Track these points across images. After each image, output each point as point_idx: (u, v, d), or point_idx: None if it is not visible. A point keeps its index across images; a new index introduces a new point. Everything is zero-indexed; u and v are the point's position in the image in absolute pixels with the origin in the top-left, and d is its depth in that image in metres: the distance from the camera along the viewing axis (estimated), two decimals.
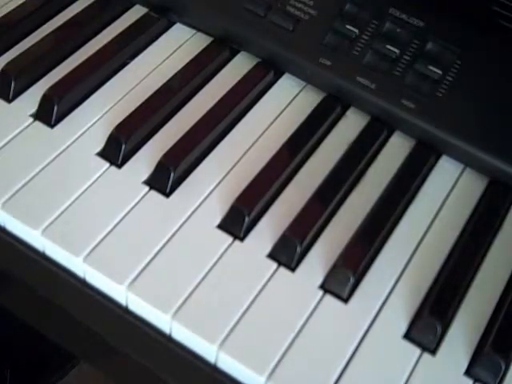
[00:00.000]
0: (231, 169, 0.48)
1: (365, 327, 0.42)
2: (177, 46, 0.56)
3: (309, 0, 0.53)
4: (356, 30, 0.52)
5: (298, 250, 0.44)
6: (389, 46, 0.51)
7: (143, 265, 0.43)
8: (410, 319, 0.42)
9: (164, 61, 0.54)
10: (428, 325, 0.41)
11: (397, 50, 0.51)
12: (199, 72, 0.53)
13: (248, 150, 0.50)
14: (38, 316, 0.52)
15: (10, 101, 0.51)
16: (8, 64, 0.52)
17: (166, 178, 0.46)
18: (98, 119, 0.50)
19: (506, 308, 0.43)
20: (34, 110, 0.50)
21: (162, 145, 0.48)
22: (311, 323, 0.42)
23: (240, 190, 0.46)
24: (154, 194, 0.46)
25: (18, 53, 0.53)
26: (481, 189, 0.49)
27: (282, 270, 0.44)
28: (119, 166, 0.48)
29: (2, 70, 0.51)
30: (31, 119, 0.50)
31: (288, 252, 0.44)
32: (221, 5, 0.55)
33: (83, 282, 0.44)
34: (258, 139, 0.50)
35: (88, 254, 0.43)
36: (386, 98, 0.50)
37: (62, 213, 0.45)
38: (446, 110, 0.49)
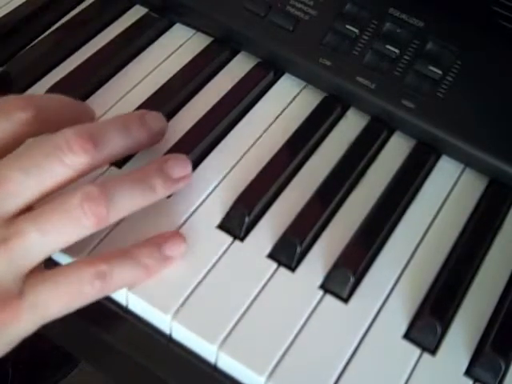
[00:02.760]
0: (231, 169, 0.48)
1: (365, 327, 0.42)
2: (177, 46, 0.56)
3: (309, 0, 0.53)
4: (356, 30, 0.52)
5: (298, 250, 0.44)
6: (389, 46, 0.51)
7: None
8: (409, 319, 0.42)
9: (164, 61, 0.54)
10: (428, 325, 0.41)
11: (397, 50, 0.51)
12: (199, 72, 0.53)
13: (248, 150, 0.50)
14: None
15: None
16: (9, 64, 0.52)
17: None
18: None
19: (506, 308, 0.42)
20: None
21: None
22: (311, 323, 0.42)
23: (240, 190, 0.46)
24: None
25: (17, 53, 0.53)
26: (481, 189, 0.49)
27: (282, 270, 0.44)
28: None
29: None
30: None
31: (288, 252, 0.44)
32: (221, 5, 0.55)
33: None
34: (257, 139, 0.50)
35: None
36: (386, 98, 0.50)
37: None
38: (446, 110, 0.49)
